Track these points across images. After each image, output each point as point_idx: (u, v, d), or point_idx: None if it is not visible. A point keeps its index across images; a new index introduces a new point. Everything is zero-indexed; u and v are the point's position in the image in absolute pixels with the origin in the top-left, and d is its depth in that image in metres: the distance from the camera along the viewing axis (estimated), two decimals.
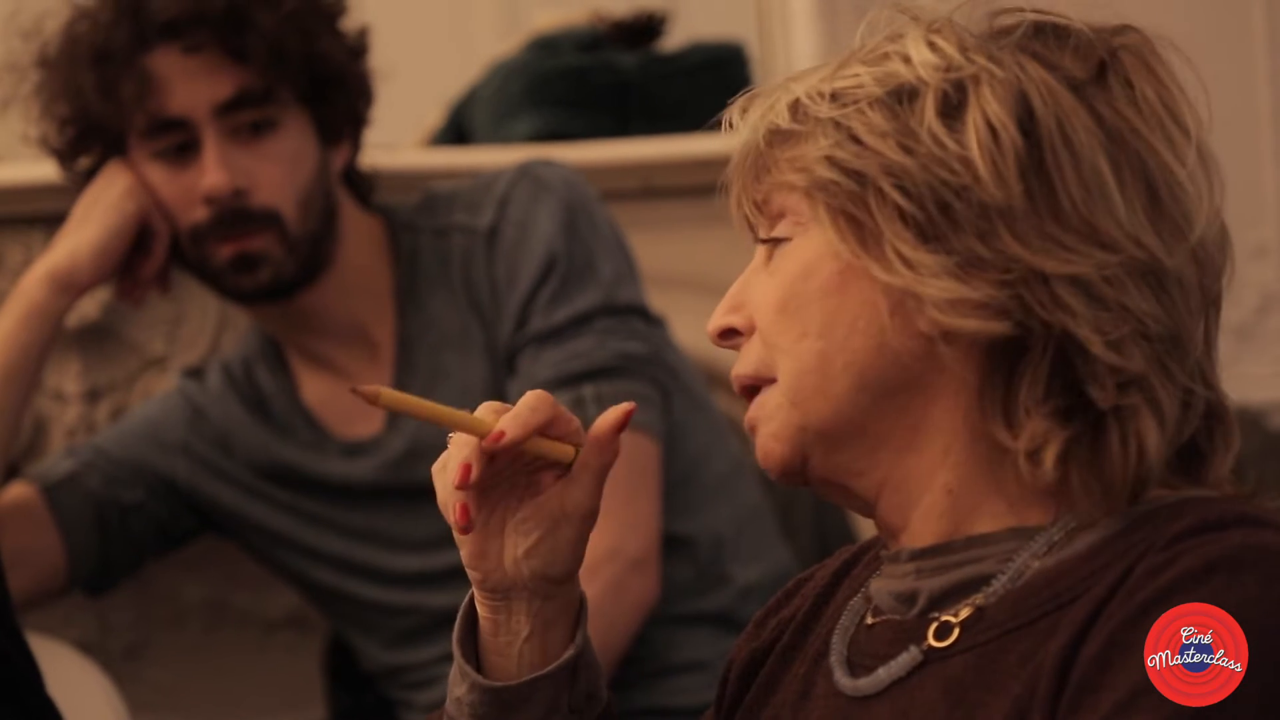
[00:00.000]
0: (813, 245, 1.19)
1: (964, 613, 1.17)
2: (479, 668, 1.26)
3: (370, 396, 1.20)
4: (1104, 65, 1.17)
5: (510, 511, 1.24)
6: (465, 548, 1.26)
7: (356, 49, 2.22)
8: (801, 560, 2.35)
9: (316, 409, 2.26)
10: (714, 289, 2.69)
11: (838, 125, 1.18)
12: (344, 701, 2.41)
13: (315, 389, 2.27)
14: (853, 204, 1.17)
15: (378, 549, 2.24)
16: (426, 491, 2.19)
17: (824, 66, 1.21)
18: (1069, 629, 1.11)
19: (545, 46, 2.78)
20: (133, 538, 2.25)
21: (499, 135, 2.74)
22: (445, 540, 2.21)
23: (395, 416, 2.21)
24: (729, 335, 1.22)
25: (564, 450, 1.23)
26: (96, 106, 2.15)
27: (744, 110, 1.22)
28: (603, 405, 1.70)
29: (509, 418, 1.21)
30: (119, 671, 2.38)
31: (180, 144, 2.15)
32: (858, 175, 1.17)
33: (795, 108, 1.19)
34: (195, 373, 2.33)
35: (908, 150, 1.16)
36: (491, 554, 1.25)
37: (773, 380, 1.21)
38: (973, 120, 1.15)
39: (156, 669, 2.51)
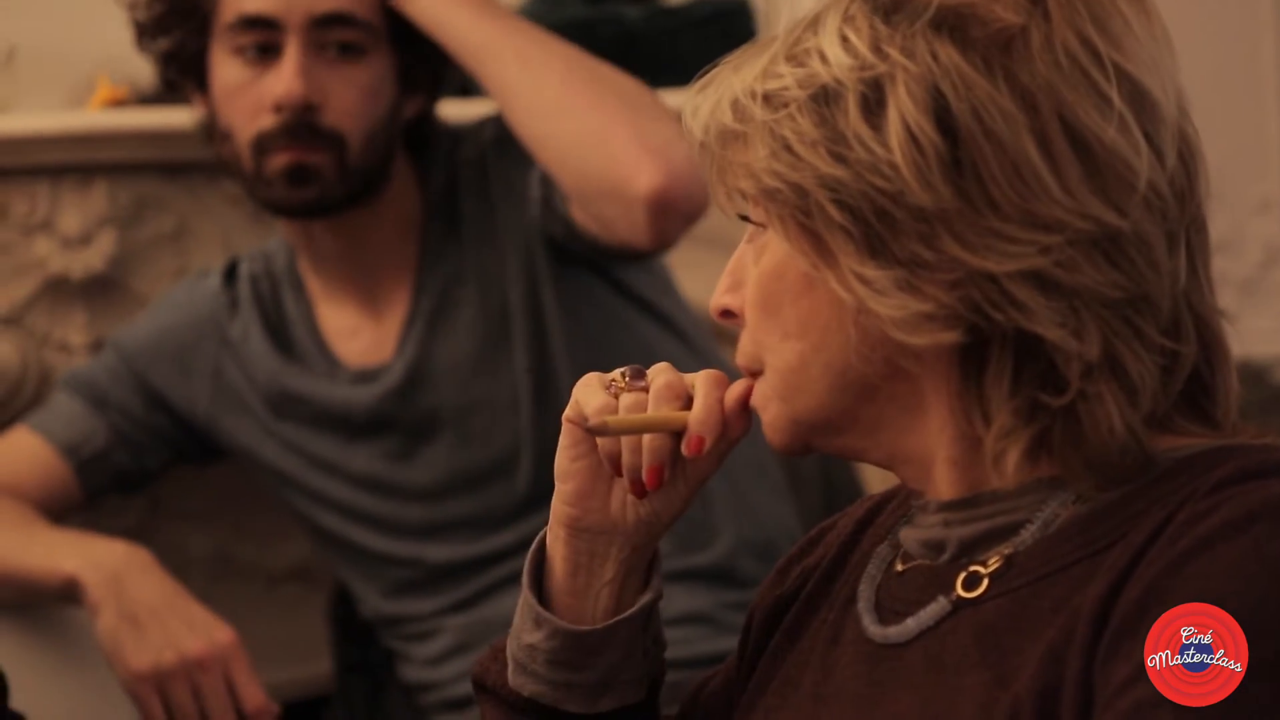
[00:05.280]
0: (781, 245, 1.18)
1: (993, 563, 1.17)
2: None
3: (599, 429, 1.22)
4: (1023, 26, 1.13)
5: None
6: (569, 483, 1.25)
7: None
8: (807, 515, 2.35)
9: (332, 338, 2.28)
10: (720, 243, 2.69)
11: (772, 132, 1.15)
12: (350, 654, 2.41)
13: (332, 317, 2.28)
14: (802, 215, 1.15)
15: (381, 497, 2.25)
16: (424, 427, 2.23)
17: (759, 53, 1.18)
18: (1108, 575, 1.10)
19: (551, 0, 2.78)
20: (150, 479, 2.32)
21: None
22: (447, 492, 2.25)
23: (402, 346, 2.23)
24: (728, 315, 1.22)
25: None
26: None
27: (696, 105, 1.19)
28: None
29: (702, 423, 1.22)
30: None
31: (263, 45, 2.15)
32: (798, 188, 1.15)
33: (736, 107, 1.17)
34: (230, 273, 2.33)
35: (840, 159, 1.13)
36: (599, 494, 1.25)
37: (763, 372, 1.21)
38: (892, 123, 1.13)
39: None
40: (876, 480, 2.55)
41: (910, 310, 1.13)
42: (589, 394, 1.24)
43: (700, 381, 1.23)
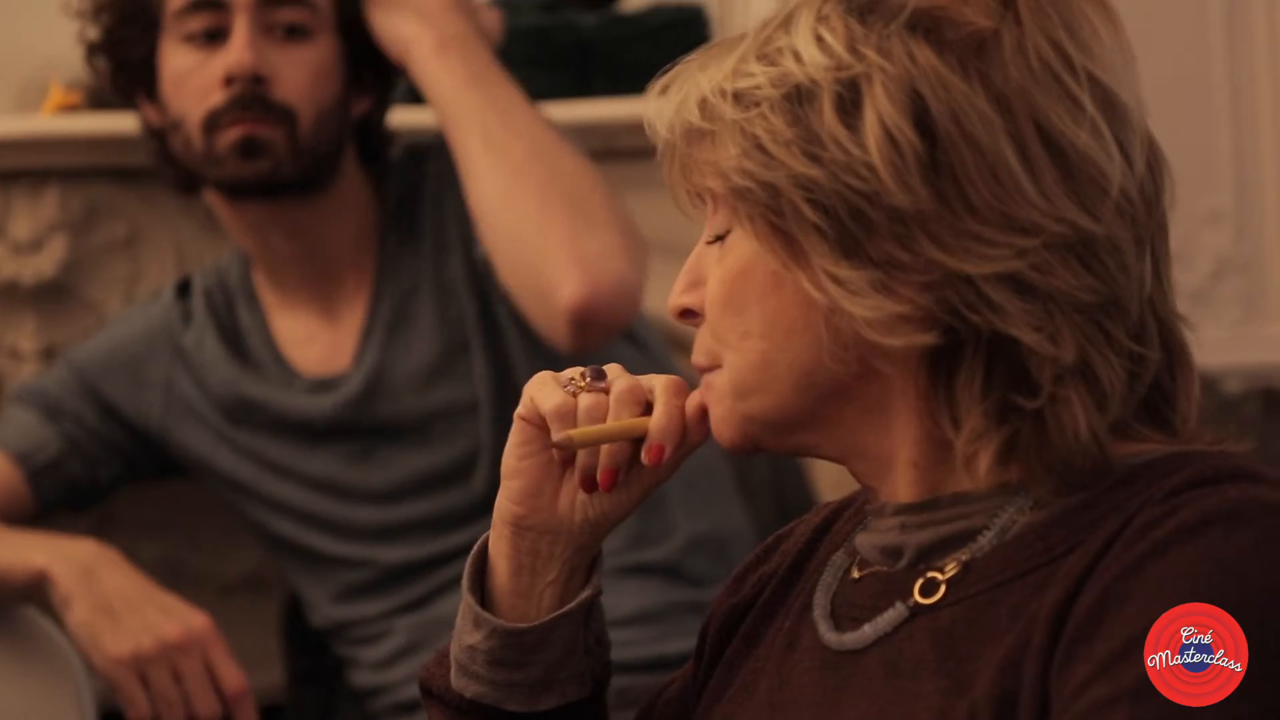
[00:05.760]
0: (749, 244, 1.17)
1: (950, 569, 1.16)
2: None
3: (564, 443, 1.21)
4: (995, 30, 1.14)
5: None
6: (517, 480, 1.24)
7: None
8: (758, 522, 2.35)
9: (287, 347, 2.28)
10: (676, 250, 2.69)
11: (743, 131, 1.15)
12: (301, 664, 2.40)
13: (287, 326, 2.28)
14: (773, 214, 1.15)
15: (336, 500, 2.25)
16: (383, 433, 2.22)
17: (727, 53, 1.18)
18: (1064, 581, 1.11)
19: (506, 5, 2.77)
20: (103, 493, 2.30)
21: None
22: (403, 494, 2.25)
23: (360, 355, 2.23)
24: (687, 315, 1.21)
25: None
26: None
27: (660, 107, 1.19)
28: None
29: (663, 431, 1.21)
30: None
31: (211, 30, 2.17)
32: (770, 188, 1.14)
33: (704, 105, 1.17)
34: (184, 287, 2.33)
35: (814, 158, 1.13)
36: (546, 493, 1.24)
37: (720, 369, 1.20)
38: (869, 124, 1.12)
39: None
40: (828, 487, 2.55)
41: (885, 311, 1.13)
42: (545, 393, 1.23)
43: (661, 388, 1.23)
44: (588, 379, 1.23)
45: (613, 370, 1.24)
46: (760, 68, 1.15)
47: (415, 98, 2.51)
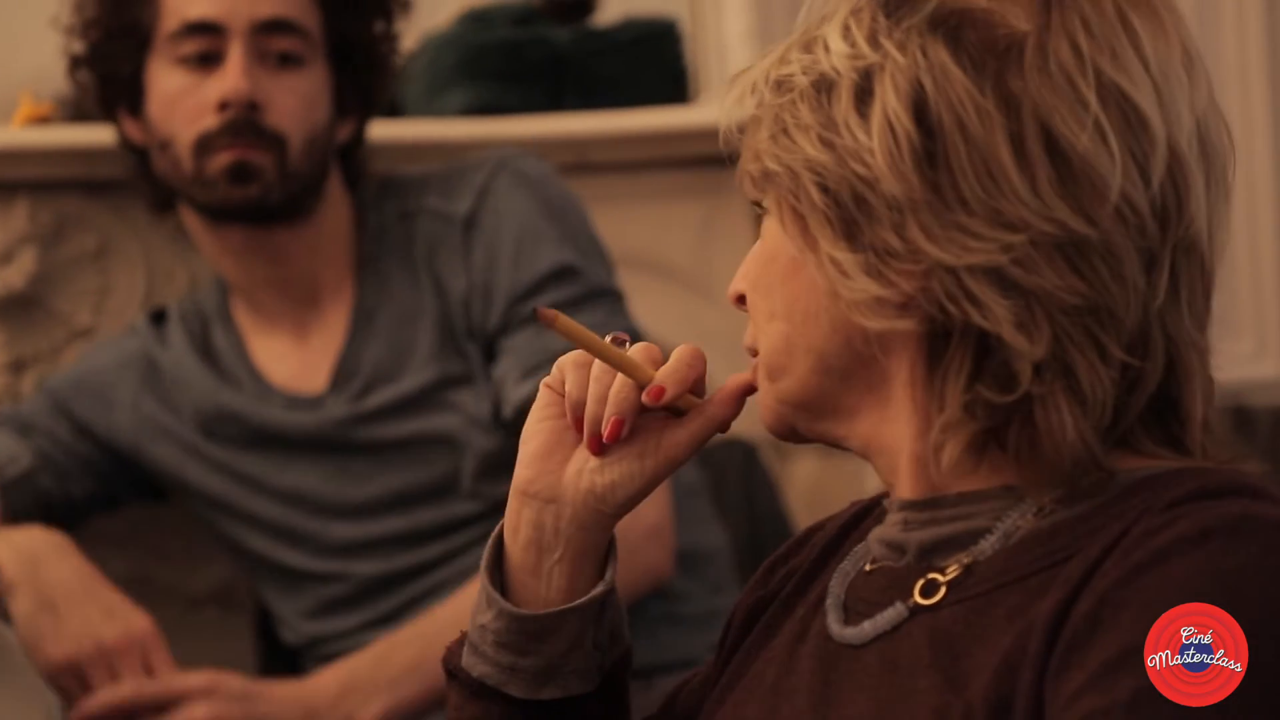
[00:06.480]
0: (775, 228, 1.21)
1: (952, 571, 1.17)
2: (505, 597, 1.26)
3: (549, 318, 1.22)
4: (1027, 34, 1.15)
5: None
6: (531, 442, 1.26)
7: (392, 39, 2.27)
8: (734, 540, 2.35)
9: (265, 368, 2.28)
10: (647, 263, 2.69)
11: (776, 117, 1.19)
12: (276, 672, 2.39)
13: (265, 350, 2.28)
14: (793, 198, 1.19)
15: (310, 515, 2.25)
16: (364, 453, 2.22)
17: (784, 45, 1.22)
18: (1062, 587, 1.11)
19: (478, 19, 2.77)
20: (77, 515, 2.29)
21: (432, 108, 2.73)
22: (379, 509, 2.24)
23: (340, 376, 2.24)
24: (741, 301, 1.25)
25: (691, 401, 1.25)
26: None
27: (727, 91, 1.23)
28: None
29: (669, 373, 1.23)
30: None
31: (205, 53, 2.18)
32: (790, 172, 1.18)
33: (754, 92, 1.21)
34: (159, 316, 2.34)
35: (828, 144, 1.17)
36: (555, 458, 1.25)
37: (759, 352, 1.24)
38: (876, 113, 1.16)
39: None
40: (801, 506, 2.55)
41: (870, 294, 1.15)
42: (569, 359, 1.26)
43: (678, 348, 1.25)
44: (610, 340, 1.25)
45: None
46: (798, 55, 1.20)
47: (390, 111, 2.51)
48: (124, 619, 2.09)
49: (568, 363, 1.26)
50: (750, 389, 1.24)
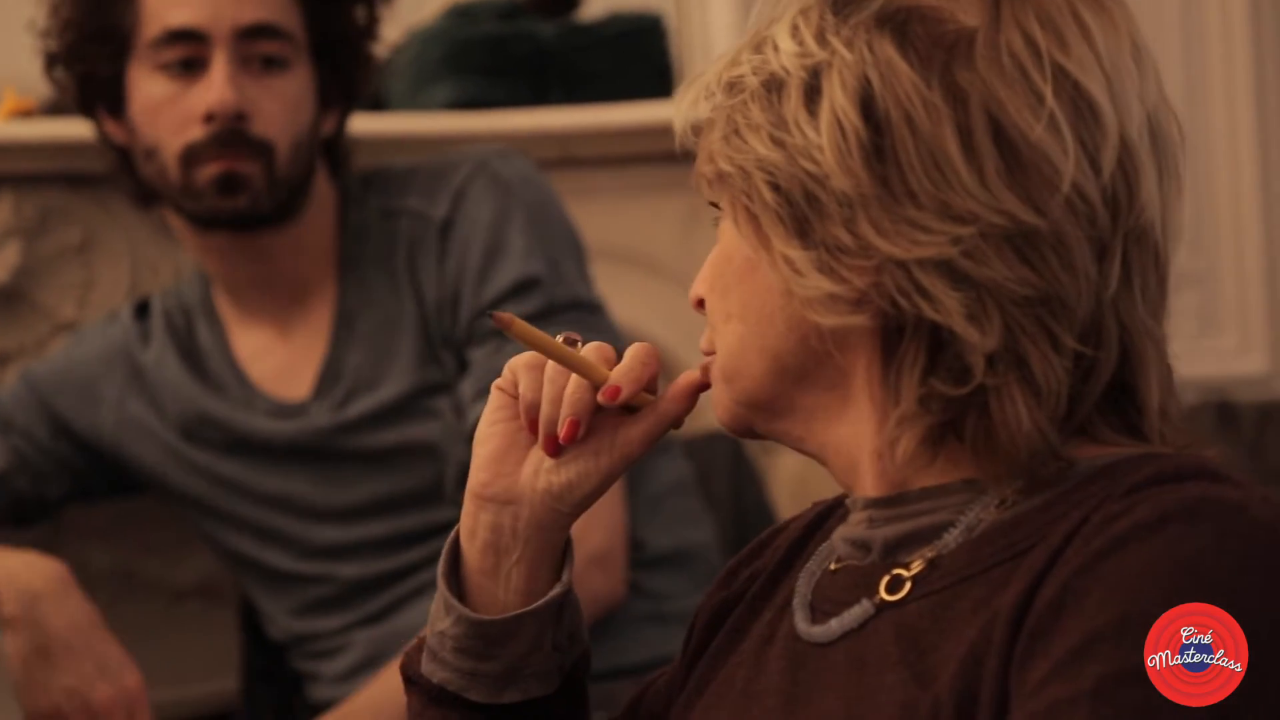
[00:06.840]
0: (731, 229, 1.21)
1: (916, 566, 1.18)
2: (463, 602, 1.26)
3: (504, 323, 1.22)
4: (976, 29, 1.16)
5: None
6: (485, 445, 1.26)
7: (372, 30, 2.26)
8: (719, 534, 2.36)
9: (248, 365, 2.27)
10: (631, 258, 2.69)
11: (728, 118, 1.19)
12: (259, 663, 2.39)
13: (248, 344, 2.28)
14: (746, 198, 1.19)
15: (293, 518, 2.24)
16: (347, 460, 2.22)
17: (735, 49, 1.22)
18: (1025, 577, 1.11)
19: (463, 14, 2.77)
20: (50, 512, 2.28)
21: (417, 102, 2.73)
22: (361, 512, 2.24)
23: (324, 383, 2.23)
24: (702, 305, 1.25)
25: (646, 399, 1.25)
26: (118, 3, 2.16)
27: (682, 95, 1.23)
28: None
29: (624, 373, 1.23)
30: None
31: (188, 60, 2.16)
32: (742, 172, 1.19)
33: (707, 94, 1.21)
34: (142, 308, 2.33)
35: (778, 143, 1.17)
36: (510, 460, 1.26)
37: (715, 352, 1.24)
38: (824, 109, 1.16)
39: None
40: (786, 500, 2.56)
41: (823, 291, 1.16)
42: (521, 360, 1.26)
43: (631, 347, 1.25)
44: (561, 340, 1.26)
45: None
46: (748, 56, 1.20)
47: (375, 105, 2.51)
48: (115, 677, 2.06)
49: (520, 365, 1.26)
50: (702, 386, 1.24)
